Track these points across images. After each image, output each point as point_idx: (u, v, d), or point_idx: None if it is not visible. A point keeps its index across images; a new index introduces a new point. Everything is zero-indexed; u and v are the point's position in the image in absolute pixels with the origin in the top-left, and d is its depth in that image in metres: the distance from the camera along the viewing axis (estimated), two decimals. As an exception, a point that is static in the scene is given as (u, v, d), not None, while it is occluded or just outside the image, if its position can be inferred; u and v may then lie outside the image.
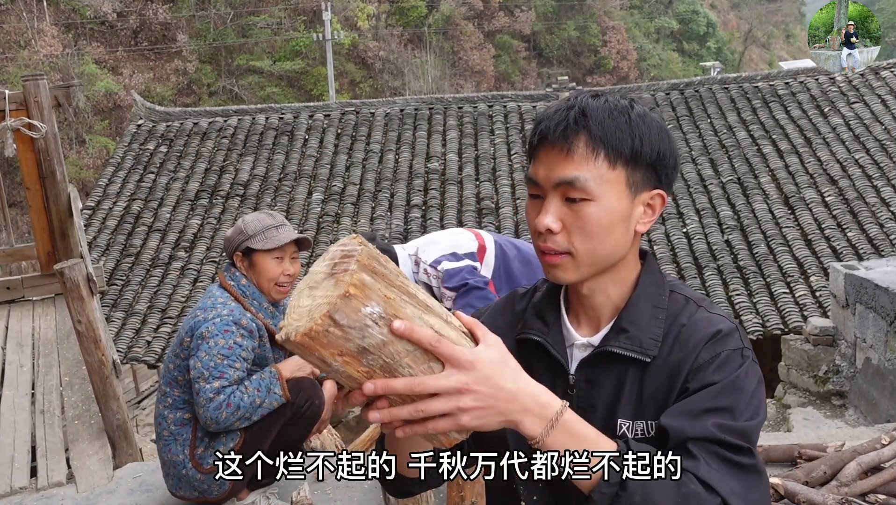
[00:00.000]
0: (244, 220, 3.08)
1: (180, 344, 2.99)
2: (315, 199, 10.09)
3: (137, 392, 10.66)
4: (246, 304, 3.01)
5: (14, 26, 22.31)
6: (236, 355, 2.87)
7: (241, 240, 3.04)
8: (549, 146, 1.22)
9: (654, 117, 1.26)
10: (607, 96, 1.25)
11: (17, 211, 16.26)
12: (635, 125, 1.22)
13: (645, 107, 1.27)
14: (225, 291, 3.04)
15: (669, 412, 1.20)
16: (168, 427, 3.03)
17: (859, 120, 10.32)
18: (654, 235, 9.09)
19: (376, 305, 0.95)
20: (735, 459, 1.15)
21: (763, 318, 7.74)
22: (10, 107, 5.65)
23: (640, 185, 1.24)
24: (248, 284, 3.04)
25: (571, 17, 32.86)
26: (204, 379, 2.84)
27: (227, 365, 2.85)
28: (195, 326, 2.93)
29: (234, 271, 3.07)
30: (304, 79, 25.53)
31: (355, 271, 0.94)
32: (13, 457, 4.09)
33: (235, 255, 3.05)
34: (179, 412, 3.02)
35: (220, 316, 2.91)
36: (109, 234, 9.72)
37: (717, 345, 1.24)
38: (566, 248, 1.23)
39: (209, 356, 2.85)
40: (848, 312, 5.06)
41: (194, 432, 3.00)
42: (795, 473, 3.02)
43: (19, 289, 6.05)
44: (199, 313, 2.97)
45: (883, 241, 8.48)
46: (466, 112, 11.40)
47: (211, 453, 2.98)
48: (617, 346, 1.27)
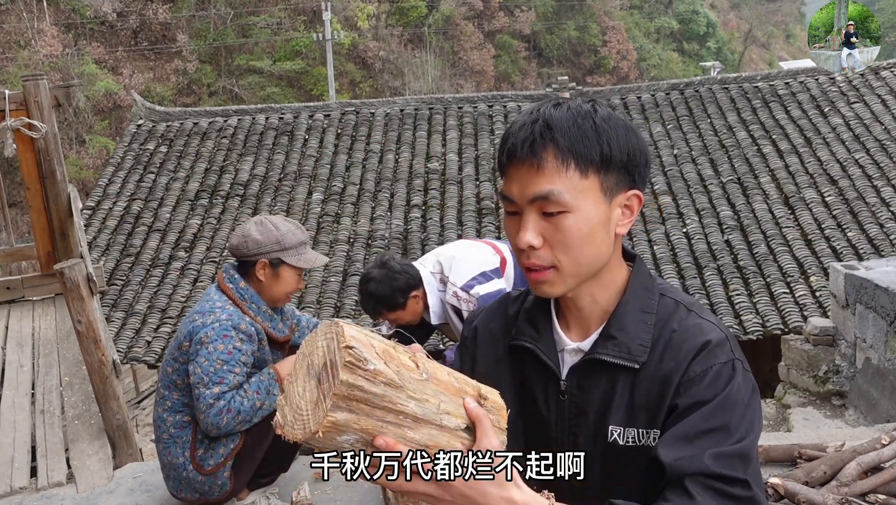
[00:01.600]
0: (278, 229, 2.99)
1: (178, 348, 2.97)
2: (315, 199, 10.09)
3: (137, 392, 10.67)
4: (244, 307, 2.97)
5: (14, 26, 22.31)
6: (236, 360, 2.85)
7: (274, 249, 2.96)
8: (518, 163, 1.21)
9: (619, 118, 1.25)
10: (569, 103, 1.23)
11: (17, 211, 16.26)
12: (601, 130, 1.21)
13: (608, 108, 1.26)
14: (223, 294, 2.99)
15: (665, 440, 1.20)
16: (167, 430, 3.02)
17: (859, 120, 10.32)
18: (653, 235, 9.09)
19: (352, 434, 0.96)
20: (731, 491, 1.15)
21: (763, 318, 7.73)
22: (10, 107, 5.65)
23: (614, 188, 1.23)
24: (247, 288, 2.99)
25: (571, 17, 32.86)
26: (203, 384, 2.82)
27: (226, 370, 2.83)
28: (194, 331, 2.90)
29: (234, 274, 3.01)
30: (304, 79, 25.53)
31: (328, 411, 0.93)
32: (13, 457, 4.09)
33: (260, 261, 2.97)
34: (179, 415, 3.00)
35: (219, 321, 2.88)
36: (109, 234, 9.72)
37: (708, 357, 1.23)
38: (550, 262, 1.23)
39: (208, 361, 2.82)
40: (848, 312, 5.06)
41: (194, 435, 2.99)
42: (795, 473, 3.02)
43: (19, 289, 6.05)
44: (198, 318, 2.93)
45: (883, 241, 8.48)
46: (466, 112, 11.39)
47: (212, 455, 2.97)
48: (605, 353, 1.28)
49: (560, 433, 1.33)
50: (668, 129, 10.78)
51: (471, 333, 1.48)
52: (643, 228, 9.22)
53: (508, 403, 1.38)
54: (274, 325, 3.06)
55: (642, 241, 9.04)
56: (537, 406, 1.35)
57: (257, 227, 3.01)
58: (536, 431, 1.35)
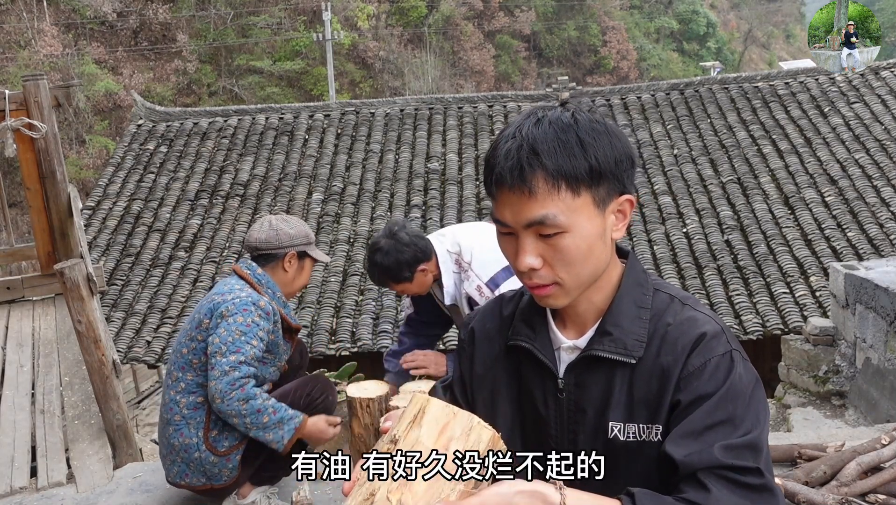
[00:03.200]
0: (305, 226, 3.19)
1: (198, 326, 3.01)
2: (315, 199, 10.09)
3: (137, 392, 10.67)
4: (261, 290, 3.06)
5: (14, 26, 22.31)
6: (253, 333, 2.91)
7: (304, 242, 3.14)
8: (508, 190, 1.20)
9: (601, 123, 1.23)
10: (549, 117, 1.22)
11: (17, 211, 16.25)
12: (587, 143, 1.20)
13: (587, 114, 1.24)
14: (241, 279, 3.08)
15: (672, 438, 1.21)
16: (180, 411, 3.00)
17: (859, 120, 10.32)
18: (653, 235, 9.09)
19: None
20: (745, 480, 1.16)
21: (763, 318, 7.73)
22: (10, 107, 5.64)
23: (606, 198, 1.23)
24: (264, 274, 3.10)
25: (571, 17, 32.87)
26: (221, 353, 2.86)
27: (244, 341, 2.88)
28: (215, 308, 2.97)
29: (252, 263, 3.12)
30: (304, 79, 25.52)
31: None
32: (13, 457, 4.09)
33: (290, 253, 3.10)
34: (192, 396, 3.00)
35: (239, 297, 2.96)
36: (109, 234, 9.72)
37: (705, 350, 1.24)
38: (552, 279, 1.24)
39: (227, 332, 2.88)
40: (848, 312, 5.06)
41: (208, 415, 2.99)
42: (795, 473, 3.02)
43: (19, 289, 6.04)
44: (217, 297, 3.00)
45: (883, 241, 8.48)
46: (466, 112, 11.40)
47: (226, 437, 2.98)
48: (601, 349, 1.28)
49: (559, 431, 1.33)
50: (668, 129, 10.78)
51: (468, 335, 1.48)
52: (643, 228, 9.23)
53: (507, 403, 1.38)
54: (288, 311, 3.15)
55: (642, 241, 9.04)
56: (536, 405, 1.35)
57: (284, 223, 3.15)
58: (535, 430, 1.35)
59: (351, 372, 5.49)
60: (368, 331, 8.15)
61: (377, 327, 8.20)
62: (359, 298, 8.59)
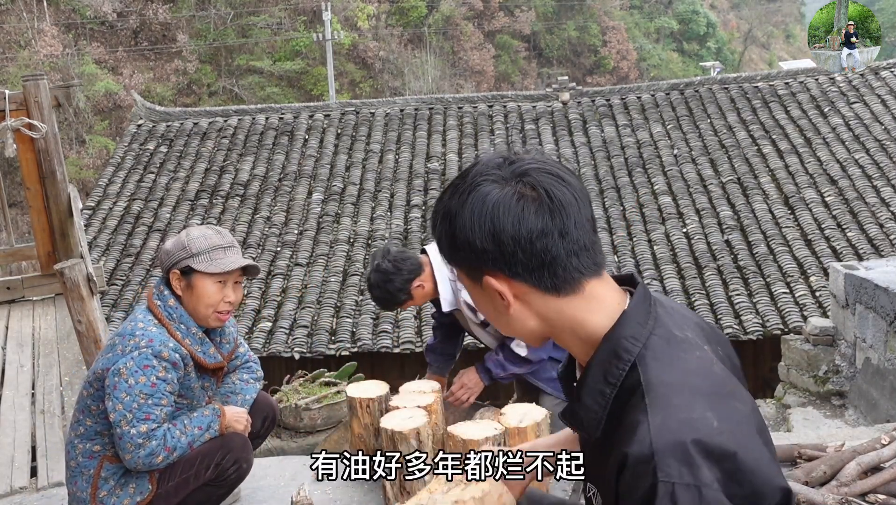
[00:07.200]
0: (189, 235, 2.70)
1: (95, 373, 2.66)
2: (315, 199, 10.09)
3: (137, 392, 10.66)
4: (171, 328, 2.65)
5: (14, 26, 22.31)
6: (161, 392, 2.57)
7: (181, 257, 2.66)
8: None
9: (470, 211, 1.16)
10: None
11: (17, 211, 16.26)
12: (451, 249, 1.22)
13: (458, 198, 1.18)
14: (150, 313, 2.68)
15: None
16: (76, 457, 2.74)
17: (859, 120, 10.33)
18: (653, 235, 9.09)
19: None
20: None
21: (763, 318, 7.73)
22: (10, 107, 5.64)
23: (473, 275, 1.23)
24: (177, 307, 2.68)
25: (571, 17, 32.85)
26: (127, 422, 2.53)
27: (151, 405, 2.54)
28: (112, 361, 2.60)
29: (164, 290, 2.70)
30: (304, 79, 25.52)
31: None
32: (13, 457, 4.08)
33: (172, 272, 2.67)
34: (90, 443, 2.72)
35: (139, 349, 2.57)
36: (109, 234, 9.72)
37: (628, 475, 1.09)
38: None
39: (130, 397, 2.53)
40: (848, 312, 5.06)
41: (98, 471, 2.69)
42: (795, 473, 3.02)
43: (19, 289, 6.04)
44: (118, 341, 2.64)
45: (883, 241, 8.48)
46: (466, 112, 11.40)
47: (117, 496, 2.68)
48: (569, 416, 1.26)
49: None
50: (668, 129, 10.78)
51: None
52: (643, 228, 9.23)
53: None
54: (204, 349, 2.72)
55: (642, 241, 9.04)
56: None
57: (172, 238, 2.77)
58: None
59: (351, 372, 5.51)
60: (368, 331, 8.15)
61: (377, 327, 8.20)
62: (359, 298, 8.59)
